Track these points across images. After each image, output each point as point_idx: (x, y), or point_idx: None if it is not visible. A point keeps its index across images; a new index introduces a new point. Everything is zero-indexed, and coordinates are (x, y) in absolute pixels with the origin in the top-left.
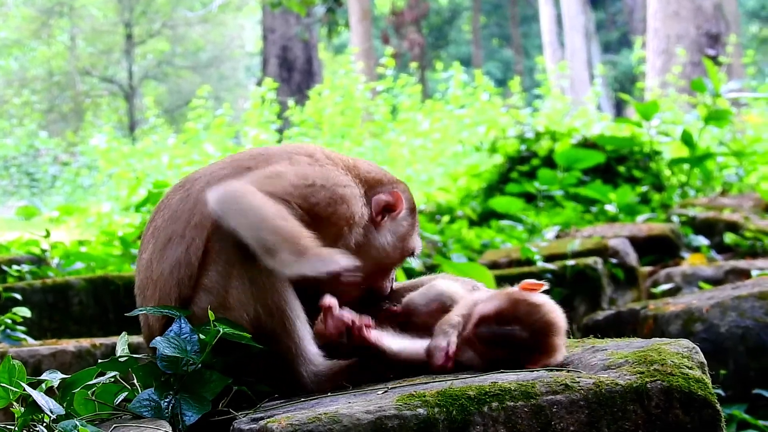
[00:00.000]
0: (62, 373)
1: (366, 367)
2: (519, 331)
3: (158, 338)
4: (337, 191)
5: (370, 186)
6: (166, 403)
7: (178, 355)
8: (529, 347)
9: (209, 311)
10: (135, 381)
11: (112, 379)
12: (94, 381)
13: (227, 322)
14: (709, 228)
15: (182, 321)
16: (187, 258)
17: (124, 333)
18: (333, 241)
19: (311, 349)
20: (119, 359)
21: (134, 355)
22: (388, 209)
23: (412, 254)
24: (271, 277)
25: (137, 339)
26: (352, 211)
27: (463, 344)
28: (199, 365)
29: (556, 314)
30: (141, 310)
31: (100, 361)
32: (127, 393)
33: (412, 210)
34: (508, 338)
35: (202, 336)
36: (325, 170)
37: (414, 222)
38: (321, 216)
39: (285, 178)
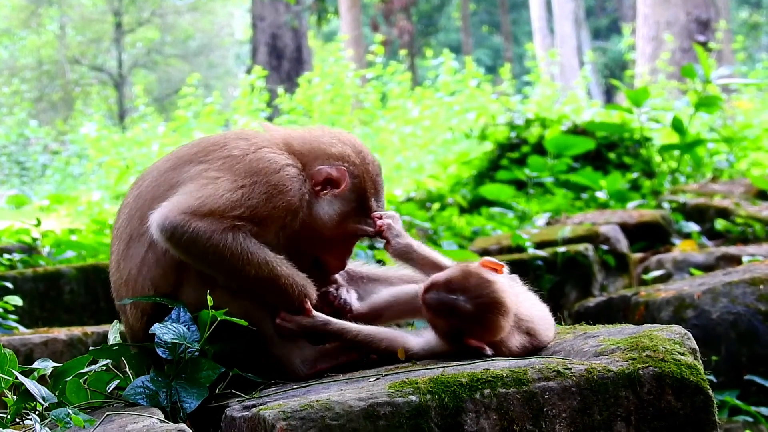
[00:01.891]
0: (54, 361)
1: (349, 350)
2: (463, 302)
3: (157, 325)
4: (271, 180)
5: (317, 157)
6: (163, 391)
7: (178, 341)
8: (472, 321)
9: (208, 296)
10: (127, 369)
11: (104, 367)
12: (86, 369)
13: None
14: (700, 214)
15: (181, 309)
16: (154, 257)
17: (115, 321)
18: (279, 228)
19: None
20: (112, 347)
21: (127, 343)
22: (331, 183)
23: (355, 236)
24: None
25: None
26: (288, 199)
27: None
28: (197, 352)
29: (506, 295)
30: (135, 299)
31: (92, 348)
32: (119, 381)
33: (363, 191)
34: (452, 307)
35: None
36: (257, 158)
37: (363, 204)
38: (263, 215)
39: (221, 189)
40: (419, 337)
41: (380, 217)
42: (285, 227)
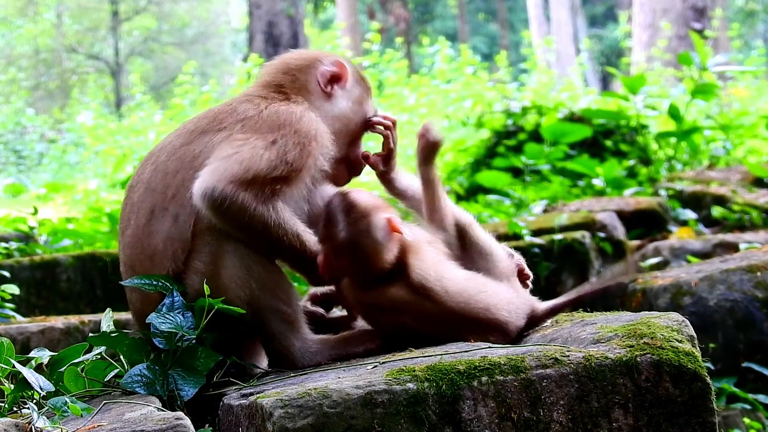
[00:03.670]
0: (51, 349)
1: (352, 340)
2: (342, 230)
3: (153, 314)
4: (299, 130)
5: (308, 71)
6: (160, 379)
7: (173, 330)
8: (354, 249)
9: (204, 285)
10: (121, 358)
11: (100, 356)
12: (83, 357)
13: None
14: (697, 201)
15: (175, 294)
16: (179, 231)
17: (108, 309)
18: (316, 172)
19: (303, 325)
20: (109, 334)
21: (124, 331)
22: (335, 80)
23: (371, 117)
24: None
25: (125, 315)
26: (320, 141)
27: None
28: (194, 340)
29: (362, 198)
30: (133, 282)
31: (90, 335)
32: (117, 370)
33: (361, 76)
34: (335, 242)
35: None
36: (274, 113)
37: (366, 86)
38: (300, 168)
39: (258, 149)
40: None
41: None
42: (320, 169)
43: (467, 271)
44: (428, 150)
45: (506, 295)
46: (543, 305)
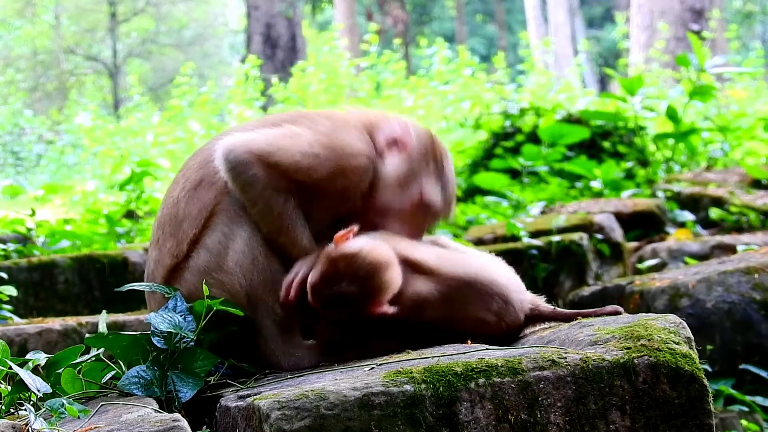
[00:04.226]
0: (48, 351)
1: (340, 346)
2: (347, 286)
3: (152, 314)
4: (342, 163)
5: (380, 128)
6: (158, 381)
7: (173, 330)
8: (363, 296)
9: (204, 286)
10: (118, 360)
11: (97, 357)
12: (80, 359)
13: (217, 296)
14: (695, 203)
15: (178, 297)
16: (214, 201)
17: (104, 312)
18: (336, 205)
19: (294, 328)
20: (106, 336)
21: (121, 332)
22: (398, 144)
23: (423, 204)
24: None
25: (122, 317)
26: (349, 184)
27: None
28: (193, 342)
29: (375, 253)
30: (130, 286)
31: (87, 336)
32: (114, 372)
33: (430, 153)
34: (342, 297)
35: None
36: (341, 137)
37: (429, 167)
38: (320, 190)
39: (296, 147)
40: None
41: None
42: (341, 205)
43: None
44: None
45: (509, 274)
46: (547, 306)
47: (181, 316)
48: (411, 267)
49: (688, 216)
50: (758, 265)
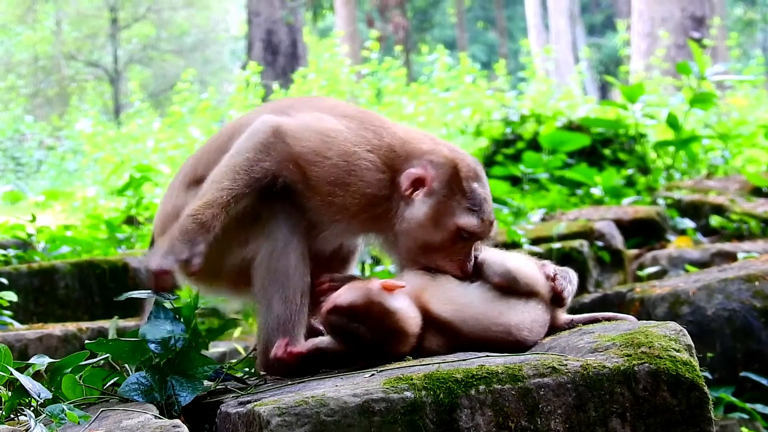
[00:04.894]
0: (49, 357)
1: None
2: (364, 332)
3: (144, 327)
4: (348, 180)
5: (405, 159)
6: (158, 386)
7: (167, 335)
8: (374, 343)
9: (198, 294)
10: (124, 365)
11: (102, 362)
12: (83, 364)
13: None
14: (695, 211)
15: (163, 307)
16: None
17: (115, 317)
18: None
19: (298, 334)
20: (109, 341)
21: (122, 338)
22: (420, 183)
23: (461, 232)
24: (290, 245)
25: (123, 323)
26: (361, 191)
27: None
28: (188, 342)
29: (408, 323)
30: (130, 294)
31: (87, 342)
32: (117, 378)
33: (454, 182)
34: (353, 334)
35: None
36: (360, 158)
37: (457, 196)
38: (312, 190)
39: (314, 139)
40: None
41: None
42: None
43: (486, 289)
44: None
45: (530, 314)
46: (564, 317)
47: (169, 321)
48: (429, 320)
49: (688, 223)
50: (759, 272)
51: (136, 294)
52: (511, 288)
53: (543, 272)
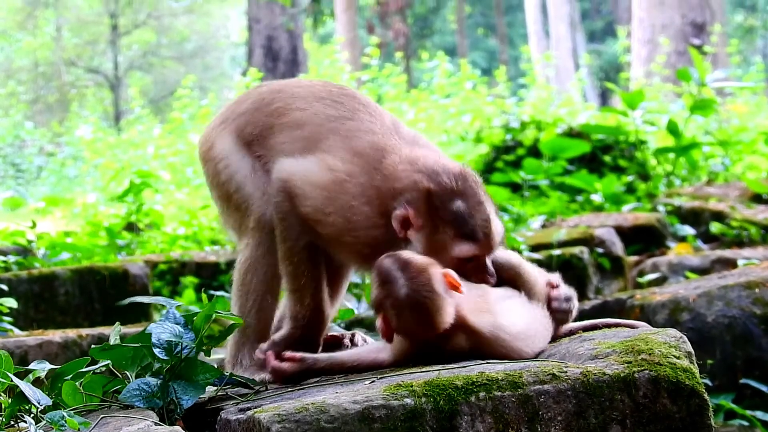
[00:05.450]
0: (49, 363)
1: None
2: (400, 286)
3: (152, 325)
4: (348, 217)
5: (392, 198)
6: (159, 392)
7: (174, 339)
8: (397, 307)
9: (203, 294)
10: (119, 371)
11: (104, 368)
12: (84, 370)
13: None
14: (695, 217)
15: (174, 312)
16: None
17: (117, 323)
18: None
19: (255, 340)
20: (111, 347)
21: (125, 344)
22: (408, 223)
23: (462, 260)
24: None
25: (124, 330)
26: (357, 238)
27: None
28: (193, 351)
29: (441, 312)
30: (133, 299)
31: (93, 347)
32: (119, 386)
33: (433, 214)
34: (390, 283)
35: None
36: (358, 192)
37: (441, 227)
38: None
39: (318, 193)
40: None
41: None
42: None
43: (522, 308)
44: None
45: (544, 330)
46: (564, 326)
47: (180, 326)
48: (463, 326)
49: (688, 230)
50: (759, 279)
51: (140, 299)
52: (513, 281)
53: (546, 279)
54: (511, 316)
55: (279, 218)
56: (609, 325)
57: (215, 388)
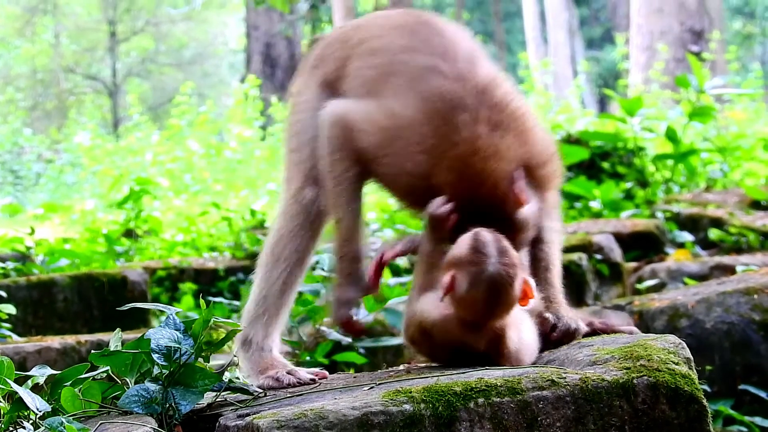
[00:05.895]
0: (49, 369)
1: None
2: (487, 262)
3: (151, 330)
4: (403, 164)
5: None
6: (158, 398)
7: (173, 345)
8: (493, 287)
9: (201, 300)
10: (118, 377)
11: (104, 375)
12: (83, 376)
13: (222, 308)
14: (694, 224)
15: (174, 318)
16: None
17: (118, 330)
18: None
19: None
20: (109, 353)
21: (124, 350)
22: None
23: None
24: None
25: (123, 336)
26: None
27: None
28: (192, 356)
29: (509, 245)
30: (132, 305)
31: (93, 352)
32: (118, 392)
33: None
34: (476, 259)
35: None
36: (412, 131)
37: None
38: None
39: (378, 132)
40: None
41: None
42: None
43: (530, 321)
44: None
45: (537, 344)
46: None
47: (179, 332)
48: (498, 330)
49: (687, 236)
50: (757, 285)
51: (140, 305)
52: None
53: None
54: (528, 332)
55: (329, 151)
56: (606, 332)
57: (214, 393)
